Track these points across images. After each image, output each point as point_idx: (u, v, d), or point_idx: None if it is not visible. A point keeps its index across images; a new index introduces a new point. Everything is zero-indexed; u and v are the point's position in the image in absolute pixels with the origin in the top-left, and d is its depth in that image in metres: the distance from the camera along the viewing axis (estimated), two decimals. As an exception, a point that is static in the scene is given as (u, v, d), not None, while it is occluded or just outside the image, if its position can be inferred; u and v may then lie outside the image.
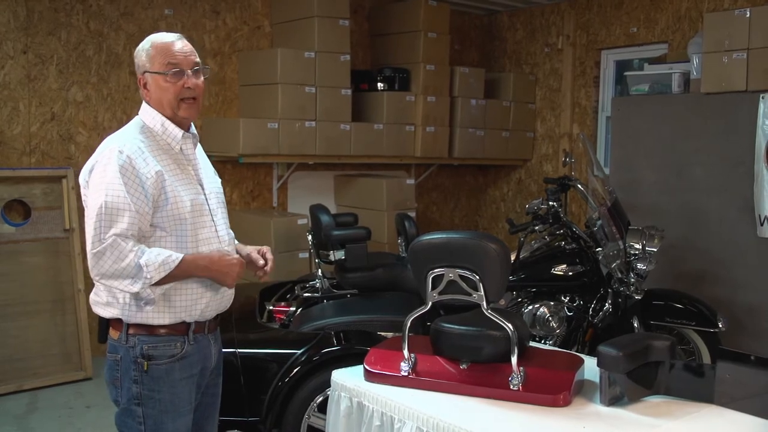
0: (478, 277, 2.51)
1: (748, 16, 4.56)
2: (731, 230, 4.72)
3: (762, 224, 4.53)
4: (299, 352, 3.44)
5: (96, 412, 4.53)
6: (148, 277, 2.22)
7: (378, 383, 2.63)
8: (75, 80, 5.41)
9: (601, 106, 6.91)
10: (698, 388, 2.49)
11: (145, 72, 2.40)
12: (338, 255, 4.21)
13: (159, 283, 2.27)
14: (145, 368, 2.34)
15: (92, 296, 2.43)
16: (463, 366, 2.60)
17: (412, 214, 6.00)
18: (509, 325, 2.50)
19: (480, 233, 2.83)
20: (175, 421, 2.40)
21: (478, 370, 2.57)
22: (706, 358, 4.24)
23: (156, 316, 2.34)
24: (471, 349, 2.60)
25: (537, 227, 4.36)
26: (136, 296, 2.30)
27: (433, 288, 2.60)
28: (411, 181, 6.56)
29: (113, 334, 2.40)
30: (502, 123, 7.12)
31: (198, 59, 2.44)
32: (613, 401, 2.44)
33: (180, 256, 2.27)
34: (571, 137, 7.07)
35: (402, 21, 6.63)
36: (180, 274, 2.29)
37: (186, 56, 2.39)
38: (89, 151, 5.43)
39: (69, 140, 5.41)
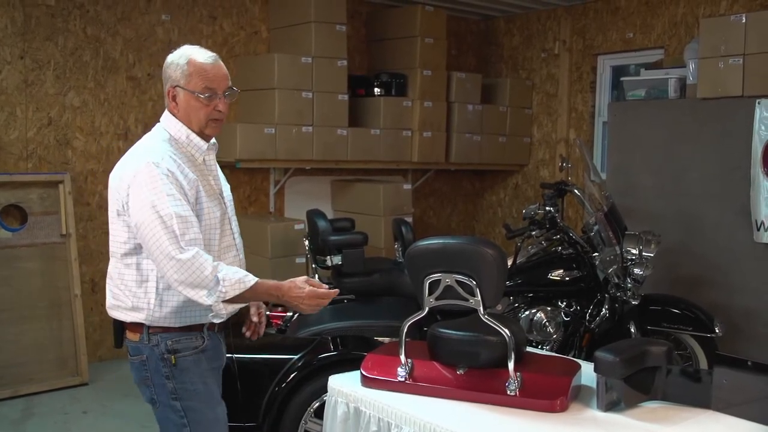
0: (475, 283, 2.51)
1: (743, 21, 4.57)
2: (728, 235, 4.73)
3: (758, 229, 4.53)
4: (296, 357, 3.44)
5: (92, 418, 4.51)
6: (224, 291, 2.24)
7: (375, 388, 2.63)
8: (72, 85, 5.40)
9: (597, 111, 6.92)
10: (695, 393, 2.49)
11: (177, 86, 2.40)
12: (335, 260, 4.22)
13: (230, 302, 2.29)
14: (173, 362, 2.37)
15: (111, 301, 2.43)
16: (460, 371, 2.59)
17: (409, 219, 6.00)
18: (506, 330, 2.50)
19: (477, 238, 2.83)
20: (215, 409, 2.46)
21: (475, 375, 2.56)
22: (703, 364, 4.24)
23: (172, 320, 2.38)
24: (468, 354, 2.60)
25: (534, 232, 4.36)
26: (208, 308, 2.32)
27: (430, 293, 2.60)
28: (408, 186, 6.56)
29: (132, 336, 2.42)
30: (499, 128, 7.13)
31: (230, 83, 2.46)
32: (610, 407, 2.44)
33: (255, 279, 2.29)
34: (567, 142, 7.08)
35: (399, 26, 6.64)
36: (250, 296, 2.31)
37: (221, 81, 2.42)
38: (86, 156, 5.47)
39: (66, 145, 5.40)
